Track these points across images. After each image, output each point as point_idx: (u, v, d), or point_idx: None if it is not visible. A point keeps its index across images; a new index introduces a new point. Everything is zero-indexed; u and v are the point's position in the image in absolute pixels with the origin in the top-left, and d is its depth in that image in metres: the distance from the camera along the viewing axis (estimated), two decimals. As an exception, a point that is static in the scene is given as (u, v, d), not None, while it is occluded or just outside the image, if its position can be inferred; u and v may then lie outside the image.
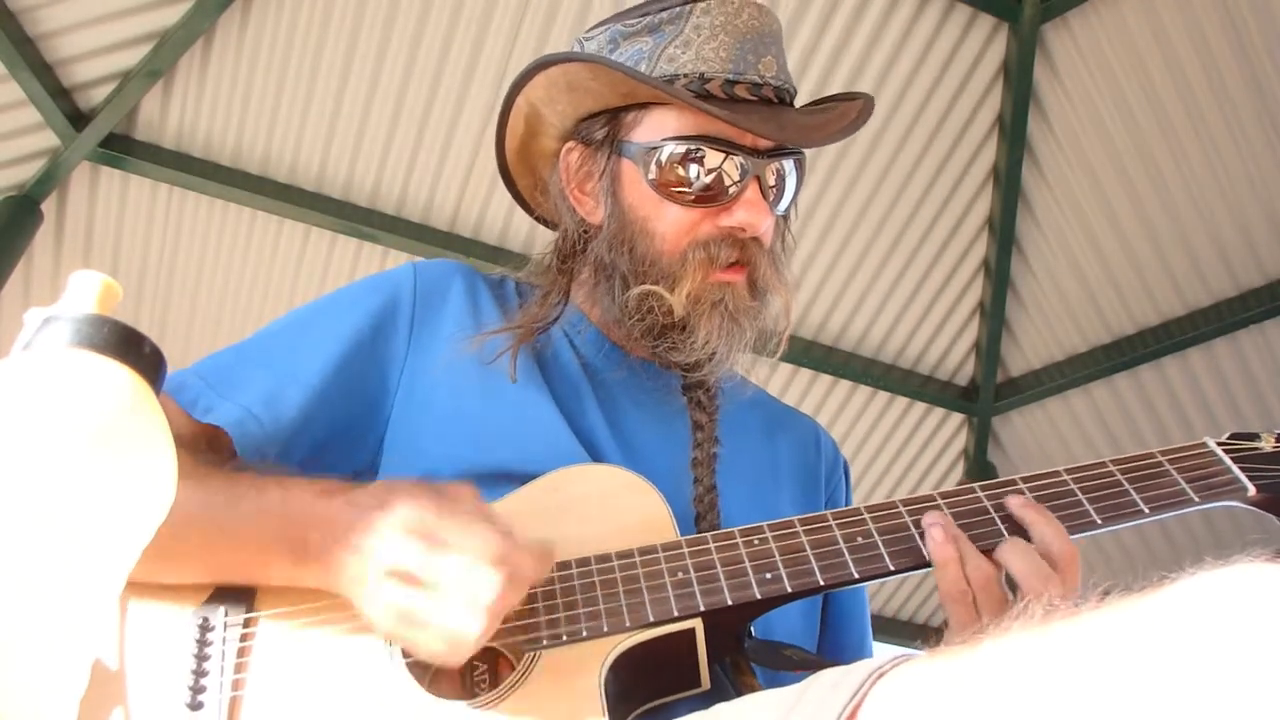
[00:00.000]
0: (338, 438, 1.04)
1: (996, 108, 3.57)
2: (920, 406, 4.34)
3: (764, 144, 1.06)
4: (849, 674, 0.61)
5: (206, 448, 0.98)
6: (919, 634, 5.05)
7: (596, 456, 1.03)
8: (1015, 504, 0.91)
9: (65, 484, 0.48)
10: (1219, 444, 0.96)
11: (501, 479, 0.98)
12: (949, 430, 4.44)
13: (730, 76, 1.05)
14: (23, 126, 3.34)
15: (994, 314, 3.99)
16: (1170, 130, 3.43)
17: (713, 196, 1.05)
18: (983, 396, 4.23)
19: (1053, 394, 4.20)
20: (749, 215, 1.04)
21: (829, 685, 0.62)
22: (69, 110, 3.33)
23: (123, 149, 3.49)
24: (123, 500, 0.51)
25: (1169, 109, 3.38)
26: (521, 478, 0.97)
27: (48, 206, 3.56)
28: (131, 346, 0.54)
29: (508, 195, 1.26)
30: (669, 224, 1.06)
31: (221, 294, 3.98)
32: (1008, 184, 3.65)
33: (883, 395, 4.31)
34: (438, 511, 0.80)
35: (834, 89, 3.30)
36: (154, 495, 0.53)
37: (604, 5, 3.21)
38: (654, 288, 1.08)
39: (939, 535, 0.89)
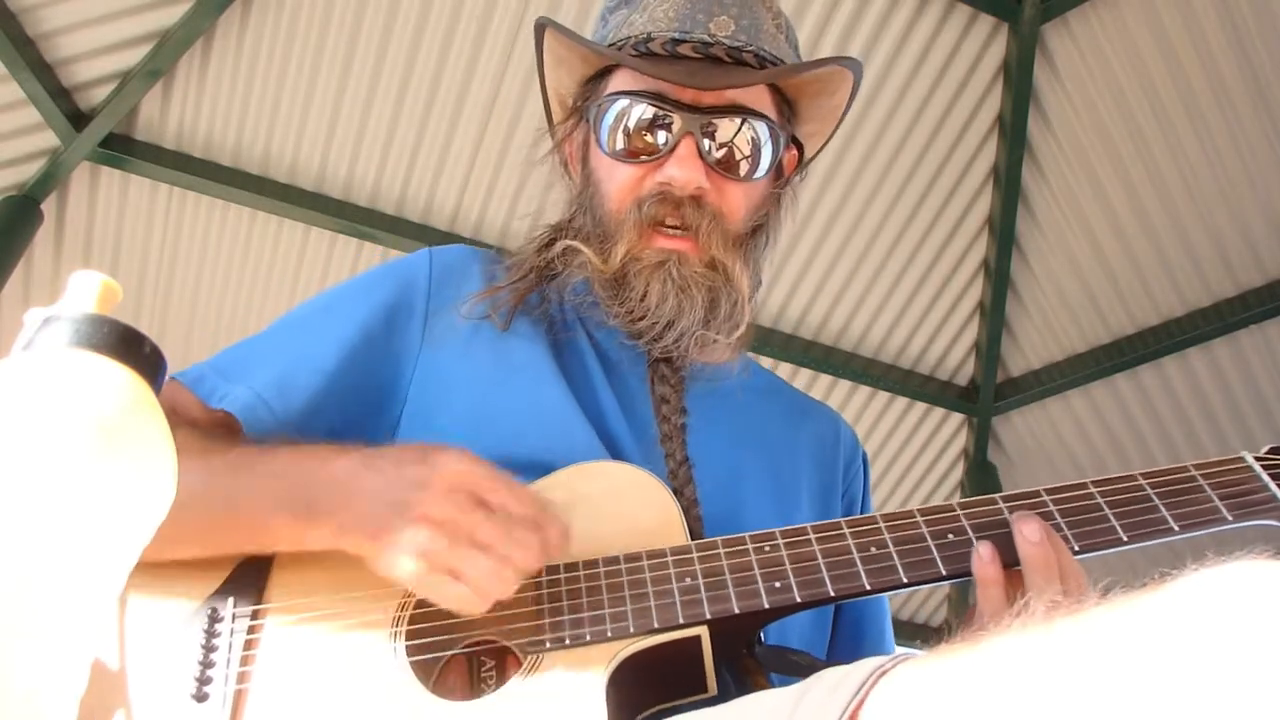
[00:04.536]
0: (350, 425, 1.03)
1: (996, 108, 3.57)
2: (920, 406, 4.34)
3: (706, 100, 1.04)
4: (850, 674, 0.60)
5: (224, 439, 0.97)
6: (919, 634, 5.05)
7: (611, 443, 1.02)
8: (1029, 530, 0.85)
9: (65, 484, 0.48)
10: (1257, 459, 0.89)
11: (518, 469, 0.96)
12: (949, 430, 4.44)
13: (675, 35, 1.05)
14: (23, 126, 3.34)
15: (994, 314, 3.99)
16: (1170, 130, 3.42)
17: (649, 152, 1.05)
18: (983, 397, 4.22)
19: (1053, 394, 4.20)
20: (678, 170, 1.02)
21: (830, 686, 0.62)
22: (69, 110, 3.33)
23: (123, 149, 3.49)
24: (122, 500, 0.51)
25: (1169, 109, 3.38)
26: (539, 467, 0.96)
27: (48, 206, 3.56)
28: (131, 346, 0.54)
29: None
30: (615, 183, 1.07)
31: (221, 294, 3.98)
32: (1008, 184, 3.65)
33: (883, 395, 4.31)
34: (483, 472, 0.82)
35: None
36: (154, 495, 0.53)
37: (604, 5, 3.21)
38: (572, 242, 1.08)
39: (986, 553, 0.85)
